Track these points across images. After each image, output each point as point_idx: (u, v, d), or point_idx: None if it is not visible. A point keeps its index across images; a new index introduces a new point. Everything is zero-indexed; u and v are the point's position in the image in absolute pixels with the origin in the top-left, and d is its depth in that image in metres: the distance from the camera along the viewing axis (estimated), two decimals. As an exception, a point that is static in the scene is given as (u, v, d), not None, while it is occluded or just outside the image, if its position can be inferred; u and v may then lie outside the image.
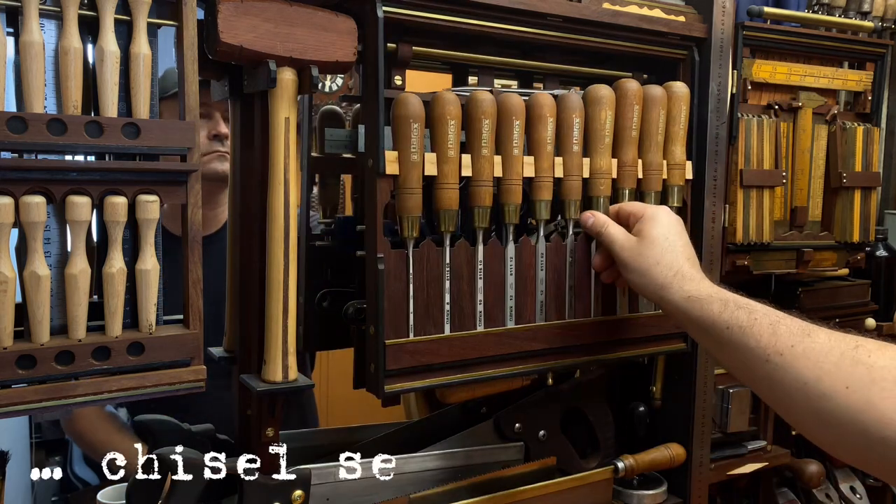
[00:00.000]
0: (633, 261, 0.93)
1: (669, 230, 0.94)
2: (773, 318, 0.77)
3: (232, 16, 0.78)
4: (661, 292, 0.90)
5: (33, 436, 2.59)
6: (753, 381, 0.79)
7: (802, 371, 0.71)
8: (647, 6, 1.08)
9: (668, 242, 0.92)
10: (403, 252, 0.90)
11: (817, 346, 0.71)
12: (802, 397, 0.71)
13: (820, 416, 0.69)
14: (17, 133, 0.69)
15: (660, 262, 0.91)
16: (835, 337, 0.72)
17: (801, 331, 0.74)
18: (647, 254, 0.92)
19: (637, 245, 0.94)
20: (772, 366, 0.74)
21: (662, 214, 0.96)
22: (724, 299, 0.83)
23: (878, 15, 1.38)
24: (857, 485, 1.48)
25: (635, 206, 1.00)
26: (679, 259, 0.91)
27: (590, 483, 1.08)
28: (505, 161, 0.95)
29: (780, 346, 0.74)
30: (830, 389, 0.68)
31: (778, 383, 0.73)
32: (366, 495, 0.97)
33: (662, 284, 0.89)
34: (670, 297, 0.88)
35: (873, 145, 1.35)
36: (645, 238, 0.93)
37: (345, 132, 1.01)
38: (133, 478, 0.88)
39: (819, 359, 0.70)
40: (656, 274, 0.90)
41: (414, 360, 0.91)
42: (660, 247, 0.92)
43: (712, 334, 0.82)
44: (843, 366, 0.68)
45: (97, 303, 0.76)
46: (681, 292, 0.87)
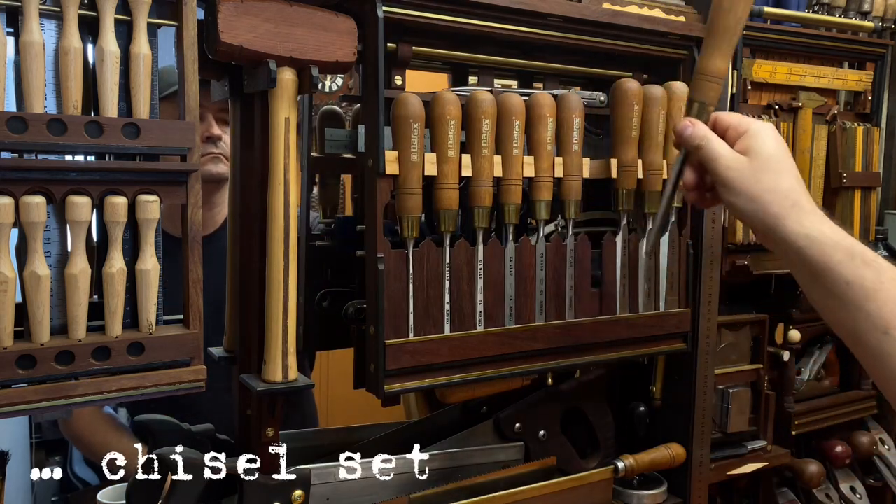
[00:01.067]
0: (742, 183, 0.80)
1: (781, 149, 0.81)
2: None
3: (232, 16, 0.78)
4: (774, 223, 0.77)
5: (33, 436, 2.59)
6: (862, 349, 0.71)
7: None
8: (647, 6, 1.08)
9: (783, 165, 0.80)
10: (403, 252, 0.90)
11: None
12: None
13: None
14: (17, 133, 0.69)
15: (776, 188, 0.78)
16: None
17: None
18: (761, 177, 0.79)
19: (748, 165, 0.80)
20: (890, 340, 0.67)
21: (770, 131, 0.83)
22: (850, 249, 0.73)
23: (878, 15, 1.38)
24: (857, 485, 1.48)
25: (734, 118, 0.85)
26: (796, 187, 0.79)
27: (590, 483, 1.08)
28: (505, 161, 0.95)
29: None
30: None
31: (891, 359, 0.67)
32: (366, 495, 0.97)
33: (777, 214, 0.77)
34: (785, 231, 0.77)
35: (873, 145, 1.35)
36: (756, 157, 0.80)
37: (345, 132, 1.01)
38: (133, 478, 0.88)
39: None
40: (770, 201, 0.78)
41: (414, 360, 0.91)
42: (774, 170, 0.79)
43: (826, 284, 0.73)
44: None
45: (97, 303, 0.76)
46: (799, 227, 0.76)
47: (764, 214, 0.78)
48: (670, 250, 1.11)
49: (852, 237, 0.75)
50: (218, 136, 1.64)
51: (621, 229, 1.06)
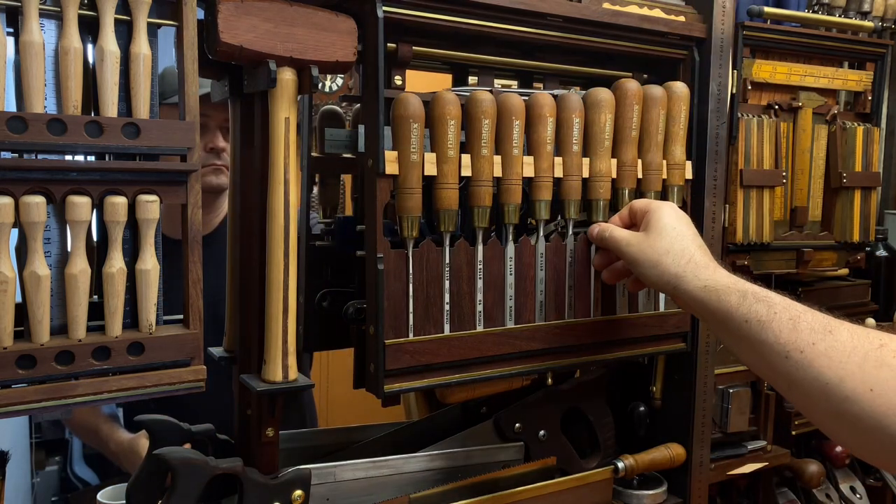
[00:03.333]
0: (641, 254, 0.91)
1: (677, 219, 0.92)
2: (794, 312, 0.74)
3: (232, 16, 0.78)
4: (675, 282, 0.87)
5: (33, 436, 2.59)
6: (772, 378, 0.76)
7: (824, 371, 0.68)
8: (647, 6, 1.08)
9: (676, 231, 0.90)
10: (403, 252, 0.90)
11: (839, 345, 0.69)
12: (824, 398, 0.68)
13: (843, 419, 0.66)
14: (17, 133, 0.69)
15: (670, 250, 0.88)
16: (857, 335, 0.69)
17: (822, 327, 0.71)
18: (656, 245, 0.90)
19: (644, 238, 0.92)
20: (792, 363, 0.71)
21: (668, 207, 0.94)
22: (742, 290, 0.79)
23: (878, 15, 1.38)
24: (857, 485, 1.48)
25: (641, 203, 0.98)
26: (690, 246, 0.88)
27: (590, 483, 1.08)
28: (505, 161, 0.95)
29: (800, 343, 0.71)
30: (854, 392, 0.65)
31: (798, 382, 0.71)
32: (366, 495, 0.97)
33: (676, 274, 0.87)
34: (685, 287, 0.85)
35: (873, 145, 1.35)
36: (652, 229, 0.91)
37: (345, 132, 1.01)
38: (133, 478, 0.88)
39: (841, 359, 0.67)
40: (668, 263, 0.88)
41: (414, 360, 0.91)
42: (668, 236, 0.90)
43: (730, 327, 0.79)
44: (867, 367, 0.66)
45: (97, 303, 0.76)
46: (696, 281, 0.84)
47: (666, 276, 0.88)
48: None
49: (744, 280, 0.83)
50: (222, 147, 1.64)
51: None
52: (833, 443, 1.44)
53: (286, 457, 0.98)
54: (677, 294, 0.87)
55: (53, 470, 2.64)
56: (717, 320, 0.82)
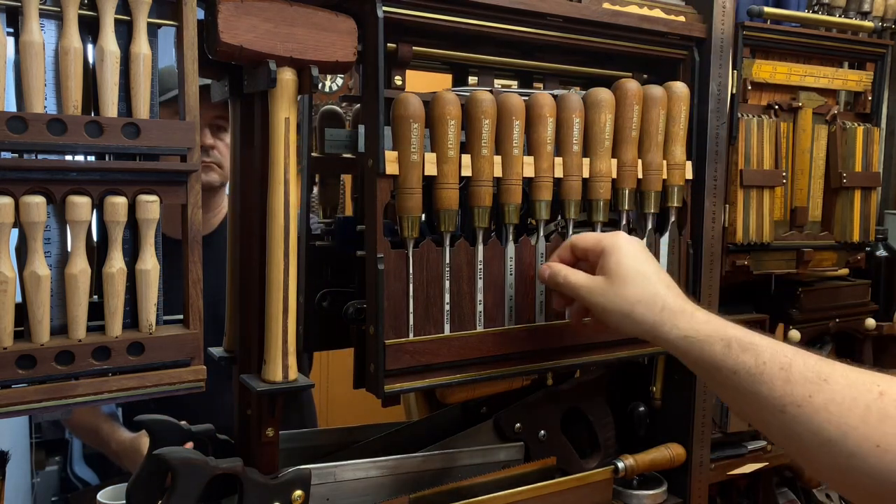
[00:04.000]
0: (609, 304, 0.84)
1: (637, 258, 0.85)
2: (784, 359, 0.70)
3: (232, 16, 0.78)
4: (652, 332, 0.82)
5: (33, 436, 2.59)
6: (767, 430, 0.72)
7: (825, 426, 0.65)
8: (647, 6, 1.08)
9: (641, 275, 0.84)
10: (403, 252, 0.90)
11: (838, 397, 0.65)
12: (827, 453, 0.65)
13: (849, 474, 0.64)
14: (17, 133, 0.69)
15: (640, 299, 0.82)
16: (854, 381, 0.66)
17: (816, 375, 0.68)
18: (623, 293, 0.83)
19: (608, 286, 0.85)
20: (788, 417, 0.68)
21: (622, 243, 0.87)
22: (725, 339, 0.75)
23: (878, 15, 1.38)
24: (857, 485, 1.48)
25: (588, 240, 0.90)
26: (660, 291, 0.83)
27: (590, 483, 1.08)
28: (505, 161, 0.95)
29: (796, 397, 0.67)
30: (859, 449, 0.63)
31: (797, 437, 0.67)
32: (366, 495, 0.97)
33: (653, 324, 0.81)
34: (665, 338, 0.80)
35: (873, 145, 1.35)
36: (614, 276, 0.84)
37: (345, 132, 1.01)
38: (133, 478, 0.88)
39: (842, 413, 0.64)
40: (641, 313, 0.82)
41: (414, 360, 0.91)
42: (634, 282, 0.83)
43: (717, 378, 0.75)
44: (870, 421, 0.63)
45: (97, 303, 0.76)
46: (675, 331, 0.79)
47: (641, 328, 0.82)
48: (670, 250, 1.11)
49: (726, 322, 0.78)
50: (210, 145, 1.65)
51: (621, 229, 1.06)
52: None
53: (286, 457, 0.98)
54: (657, 342, 0.83)
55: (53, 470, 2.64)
56: (702, 370, 0.78)
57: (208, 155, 1.67)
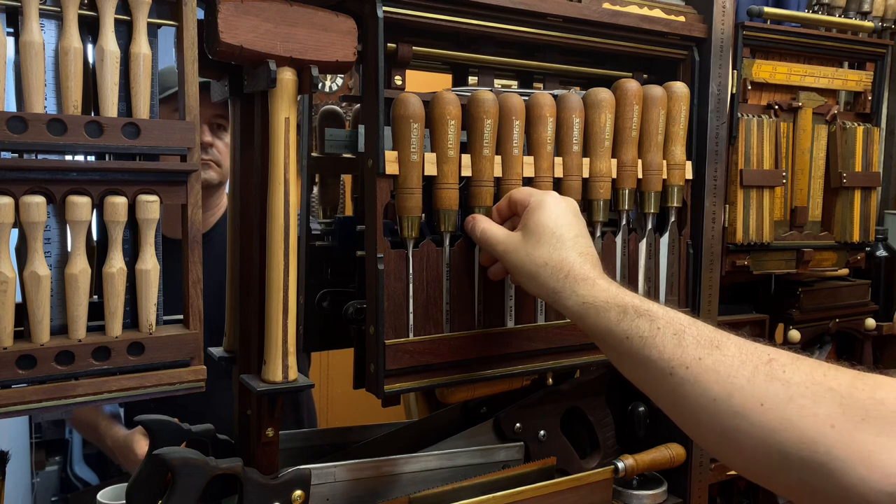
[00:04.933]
0: (518, 263, 0.82)
1: (557, 220, 0.82)
2: (678, 326, 0.70)
3: (232, 16, 0.78)
4: (552, 297, 0.80)
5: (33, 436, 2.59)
6: (657, 396, 0.72)
7: (711, 386, 0.65)
8: (647, 6, 1.08)
9: (556, 237, 0.81)
10: (403, 252, 0.90)
11: (727, 360, 0.65)
12: (711, 414, 0.65)
13: (731, 435, 0.64)
14: (17, 133, 0.69)
15: (548, 262, 0.80)
16: (746, 349, 0.66)
17: (708, 342, 0.68)
18: (534, 253, 0.81)
19: (521, 244, 0.83)
20: (677, 379, 0.67)
21: (549, 201, 0.84)
22: (622, 305, 0.74)
23: (878, 15, 1.38)
24: (857, 485, 1.48)
25: (522, 193, 0.88)
26: (569, 256, 0.80)
27: (590, 483, 1.07)
28: (505, 161, 0.95)
29: (685, 359, 0.67)
30: (743, 407, 0.63)
31: (683, 398, 0.67)
32: (366, 495, 0.97)
33: (553, 289, 0.79)
34: (563, 303, 0.79)
35: (873, 145, 1.35)
36: (530, 233, 0.82)
37: (345, 132, 1.01)
38: (133, 478, 0.88)
39: (730, 373, 0.64)
40: (545, 277, 0.80)
41: (414, 360, 0.91)
42: (546, 244, 0.81)
43: (611, 344, 0.75)
44: (756, 381, 0.63)
45: (97, 303, 0.76)
46: (574, 297, 0.78)
47: (544, 290, 0.81)
48: (670, 250, 1.11)
49: (626, 291, 0.77)
50: (209, 143, 1.66)
51: (621, 229, 1.06)
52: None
53: (286, 457, 0.98)
54: (557, 307, 0.81)
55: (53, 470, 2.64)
56: (597, 338, 0.77)
57: (207, 153, 1.68)
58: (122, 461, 1.60)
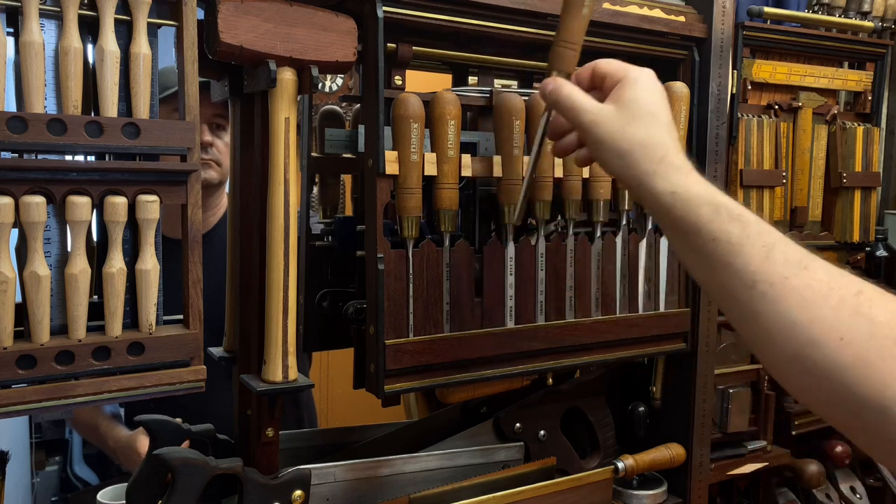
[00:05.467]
0: (607, 137, 0.74)
1: (655, 98, 0.76)
2: (769, 238, 0.66)
3: (232, 16, 0.78)
4: (641, 179, 0.73)
5: (33, 436, 2.59)
6: (731, 307, 0.68)
7: (793, 310, 0.61)
8: (647, 6, 1.08)
9: (653, 116, 0.75)
10: (403, 252, 0.90)
11: (815, 284, 0.62)
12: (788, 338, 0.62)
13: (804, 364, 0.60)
14: (17, 133, 0.69)
15: (643, 141, 0.73)
16: (835, 276, 0.62)
17: (797, 261, 0.64)
18: (629, 130, 0.74)
19: (616, 116, 0.75)
20: (758, 294, 0.64)
21: (646, 78, 0.77)
22: (715, 204, 0.69)
23: (878, 15, 1.39)
24: (857, 485, 1.48)
25: (612, 65, 0.79)
26: (667, 140, 0.74)
27: (590, 483, 1.07)
28: (505, 161, 0.95)
29: (772, 275, 0.63)
30: (822, 337, 0.59)
31: (760, 315, 0.64)
32: (366, 495, 0.97)
33: (645, 171, 0.72)
34: (652, 188, 0.72)
35: (873, 145, 1.35)
36: (625, 107, 0.75)
37: (345, 132, 1.01)
38: (133, 478, 0.88)
39: (816, 300, 0.61)
40: (638, 157, 0.73)
41: (414, 360, 0.91)
42: (643, 122, 0.74)
43: (694, 242, 0.69)
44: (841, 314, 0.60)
45: (97, 303, 0.76)
46: (665, 184, 0.71)
47: (634, 171, 0.73)
48: (670, 250, 1.11)
49: (720, 192, 0.71)
50: (209, 142, 1.66)
51: (621, 229, 1.06)
52: (833, 443, 1.44)
53: (286, 457, 0.98)
54: (642, 193, 0.73)
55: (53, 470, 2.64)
56: (680, 232, 0.71)
57: (206, 152, 1.67)
58: (125, 463, 1.60)
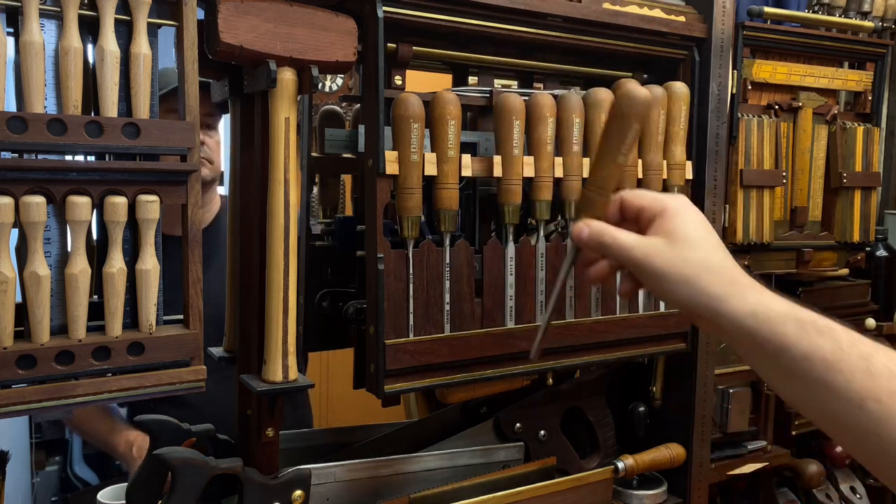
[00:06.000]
0: (670, 268, 0.72)
1: (702, 225, 0.75)
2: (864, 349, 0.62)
3: (232, 16, 0.78)
4: (716, 305, 0.70)
5: (33, 436, 2.59)
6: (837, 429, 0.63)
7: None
8: (647, 6, 1.08)
9: (708, 242, 0.73)
10: (403, 252, 0.90)
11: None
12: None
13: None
14: (18, 133, 0.69)
15: (709, 267, 0.71)
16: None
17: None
18: (689, 257, 0.72)
19: (669, 248, 0.73)
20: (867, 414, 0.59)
21: (690, 208, 0.76)
22: (799, 319, 0.65)
23: (878, 15, 1.38)
24: (857, 485, 1.48)
25: (646, 197, 0.77)
26: (728, 263, 0.72)
27: (590, 483, 1.07)
28: (505, 161, 0.95)
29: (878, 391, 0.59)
30: None
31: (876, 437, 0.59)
32: (366, 495, 0.97)
33: (718, 295, 0.69)
34: (730, 311, 0.69)
35: (873, 145, 1.35)
36: (678, 238, 0.73)
37: (345, 132, 1.01)
38: (133, 478, 0.88)
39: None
40: (707, 282, 0.70)
41: (414, 360, 0.91)
42: (700, 247, 0.72)
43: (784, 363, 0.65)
44: None
45: (97, 303, 0.76)
46: (744, 305, 0.68)
47: (705, 297, 0.70)
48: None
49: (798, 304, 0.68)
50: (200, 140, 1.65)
51: (621, 229, 1.06)
52: (833, 443, 1.44)
53: (286, 457, 0.98)
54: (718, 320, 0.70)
55: (53, 470, 2.64)
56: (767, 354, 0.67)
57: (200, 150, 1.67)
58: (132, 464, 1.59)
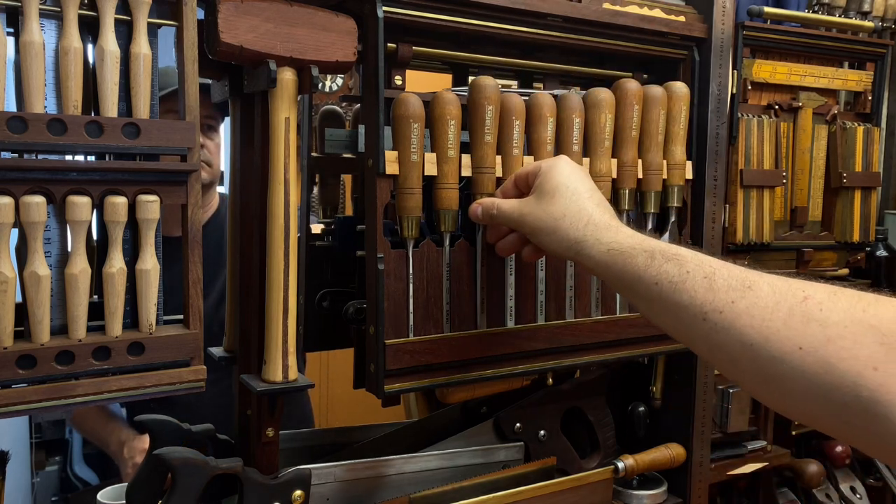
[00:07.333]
0: (536, 221, 0.82)
1: (570, 176, 0.83)
2: (708, 269, 0.68)
3: (232, 16, 0.78)
4: (576, 248, 0.79)
5: (33, 436, 2.59)
6: (691, 341, 0.69)
7: (747, 331, 0.62)
8: (647, 6, 1.08)
9: (570, 190, 0.82)
10: (403, 252, 0.90)
11: (761, 302, 0.63)
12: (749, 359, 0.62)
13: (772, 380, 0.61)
14: (17, 133, 0.69)
15: (566, 213, 0.80)
16: (779, 288, 0.63)
17: (740, 283, 0.65)
18: (550, 209, 0.81)
19: (536, 203, 0.83)
20: (710, 325, 0.65)
21: (561, 163, 0.85)
22: (649, 250, 0.72)
23: (878, 15, 1.38)
24: (858, 485, 1.48)
25: (530, 167, 0.89)
26: (587, 206, 0.80)
27: (590, 483, 1.08)
28: (505, 161, 0.95)
29: (718, 303, 0.65)
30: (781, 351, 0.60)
31: (719, 345, 0.65)
32: (366, 495, 0.97)
33: (576, 239, 0.79)
34: (587, 252, 0.78)
35: (873, 145, 1.35)
36: (543, 192, 0.83)
37: (345, 132, 1.01)
38: (133, 478, 0.88)
39: (765, 316, 0.62)
40: (565, 228, 0.80)
41: (414, 360, 0.91)
42: (562, 197, 0.81)
43: (639, 291, 0.72)
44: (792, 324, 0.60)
45: (97, 303, 0.76)
46: (598, 245, 0.77)
47: (566, 242, 0.80)
48: (670, 250, 1.11)
49: (651, 238, 0.76)
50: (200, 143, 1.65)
51: (621, 229, 1.06)
52: (833, 443, 1.44)
53: (286, 457, 0.98)
54: (580, 260, 0.79)
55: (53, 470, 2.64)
56: (624, 285, 0.75)
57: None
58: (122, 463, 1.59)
